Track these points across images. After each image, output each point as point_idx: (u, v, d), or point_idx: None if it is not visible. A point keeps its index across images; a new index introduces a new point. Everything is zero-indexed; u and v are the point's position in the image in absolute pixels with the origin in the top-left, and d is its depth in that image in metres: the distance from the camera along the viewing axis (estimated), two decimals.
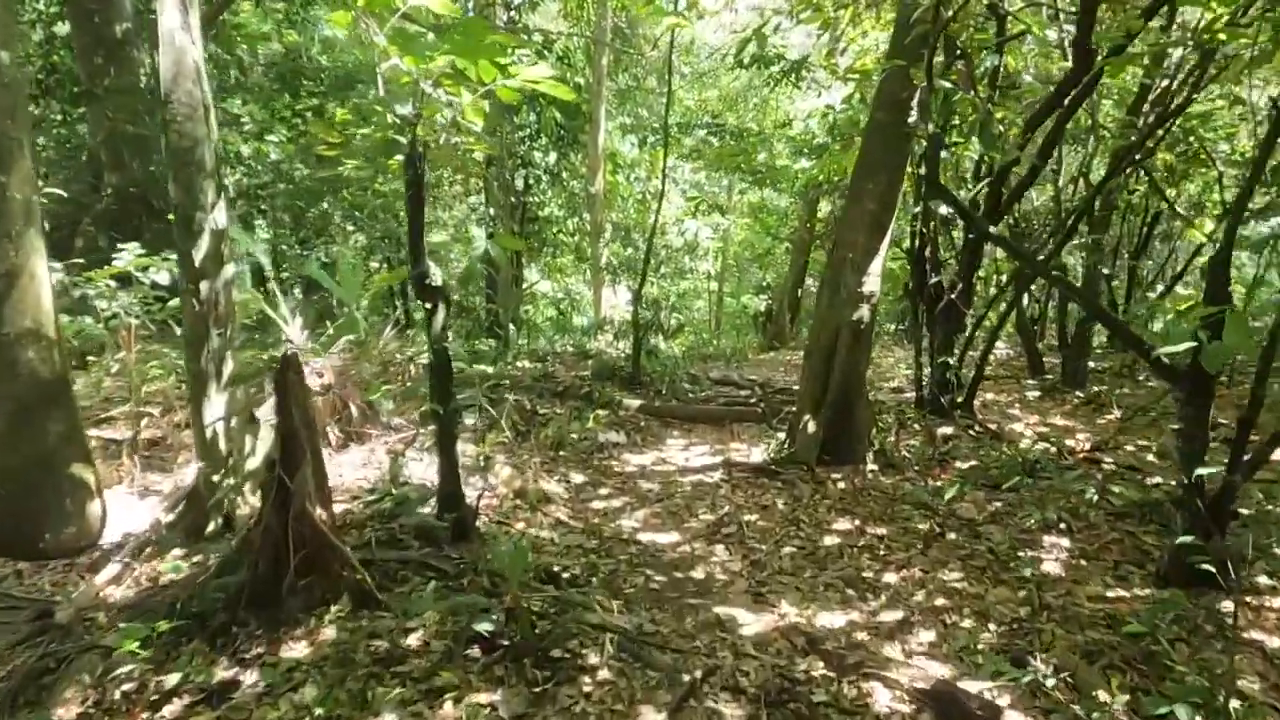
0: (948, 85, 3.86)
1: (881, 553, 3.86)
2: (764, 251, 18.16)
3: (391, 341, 7.76)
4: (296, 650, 2.68)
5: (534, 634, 2.76)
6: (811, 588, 3.50)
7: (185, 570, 3.25)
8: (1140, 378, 8.68)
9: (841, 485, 4.77)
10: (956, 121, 5.99)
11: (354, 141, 3.38)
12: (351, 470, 4.43)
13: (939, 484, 4.90)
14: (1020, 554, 3.81)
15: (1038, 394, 7.61)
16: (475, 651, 2.68)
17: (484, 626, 2.69)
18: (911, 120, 4.82)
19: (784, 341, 14.73)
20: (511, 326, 10.34)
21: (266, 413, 4.57)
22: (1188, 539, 2.91)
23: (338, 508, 3.91)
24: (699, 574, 3.66)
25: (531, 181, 13.03)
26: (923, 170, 5.83)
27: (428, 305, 3.43)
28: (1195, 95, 4.88)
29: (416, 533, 3.47)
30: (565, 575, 3.47)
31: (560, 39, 12.61)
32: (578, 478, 4.95)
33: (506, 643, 2.70)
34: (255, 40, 11.73)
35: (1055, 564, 3.73)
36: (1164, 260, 11.50)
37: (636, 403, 6.80)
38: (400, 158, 3.37)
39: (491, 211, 12.48)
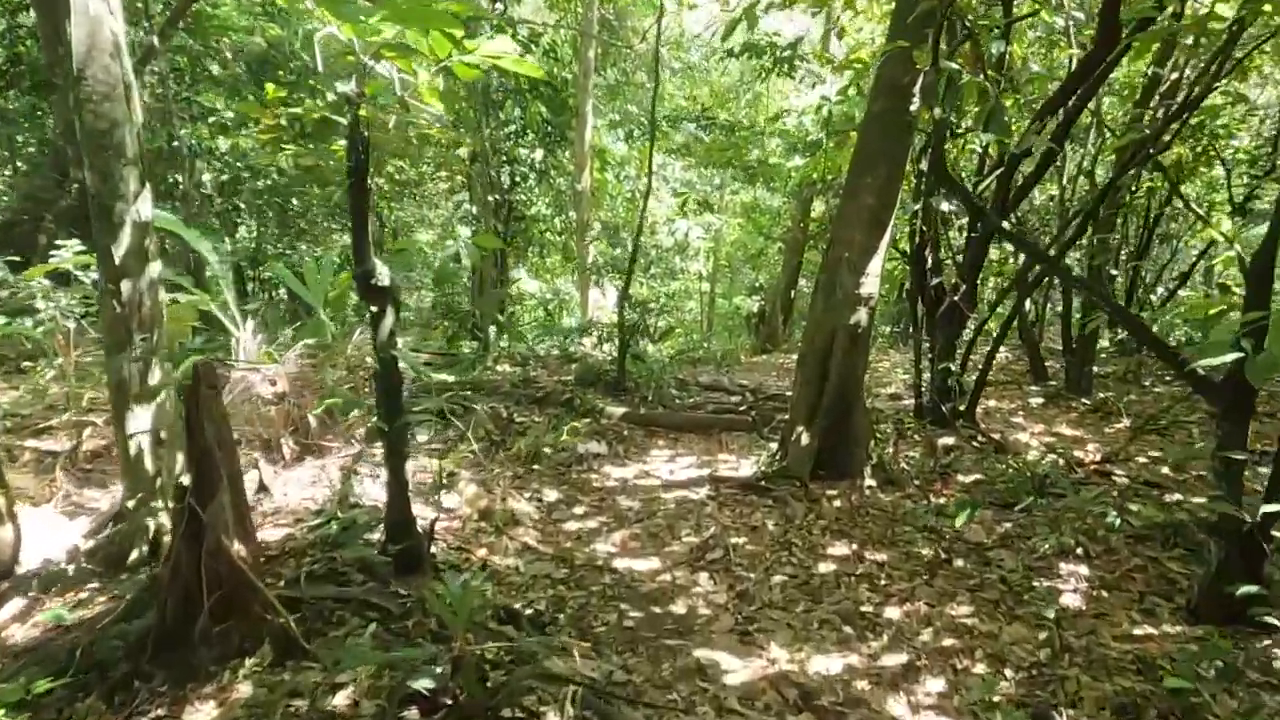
0: (955, 67, 3.50)
1: (882, 582, 3.49)
2: (757, 252, 17.79)
3: (366, 344, 7.37)
4: (203, 712, 2.29)
5: (484, 690, 2.38)
6: (804, 625, 3.13)
7: (69, 619, 2.85)
8: (1145, 383, 8.37)
9: (837, 503, 4.40)
10: (955, 114, 5.65)
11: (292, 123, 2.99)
12: (299, 489, 4.04)
13: (942, 501, 4.54)
14: (1035, 584, 3.45)
15: (1041, 401, 7.25)
16: (413, 713, 2.29)
17: (424, 683, 2.30)
18: (913, 108, 4.46)
19: (777, 344, 14.36)
20: (493, 329, 9.95)
21: None
22: (1251, 589, 2.54)
23: (278, 532, 3.53)
24: (679, 608, 3.28)
25: (518, 179, 12.64)
26: (924, 163, 5.48)
27: (373, 309, 3.04)
28: (1216, 84, 4.53)
29: (361, 564, 3.08)
30: (528, 612, 3.09)
31: (547, 32, 12.25)
32: (551, 494, 4.56)
33: (450, 701, 2.32)
34: (238, 32, 11.33)
35: (1074, 595, 3.36)
36: (1166, 261, 11.20)
37: (620, 410, 6.41)
38: (343, 142, 2.98)
39: (475, 209, 12.10)
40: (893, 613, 3.22)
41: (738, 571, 3.61)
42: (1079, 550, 3.74)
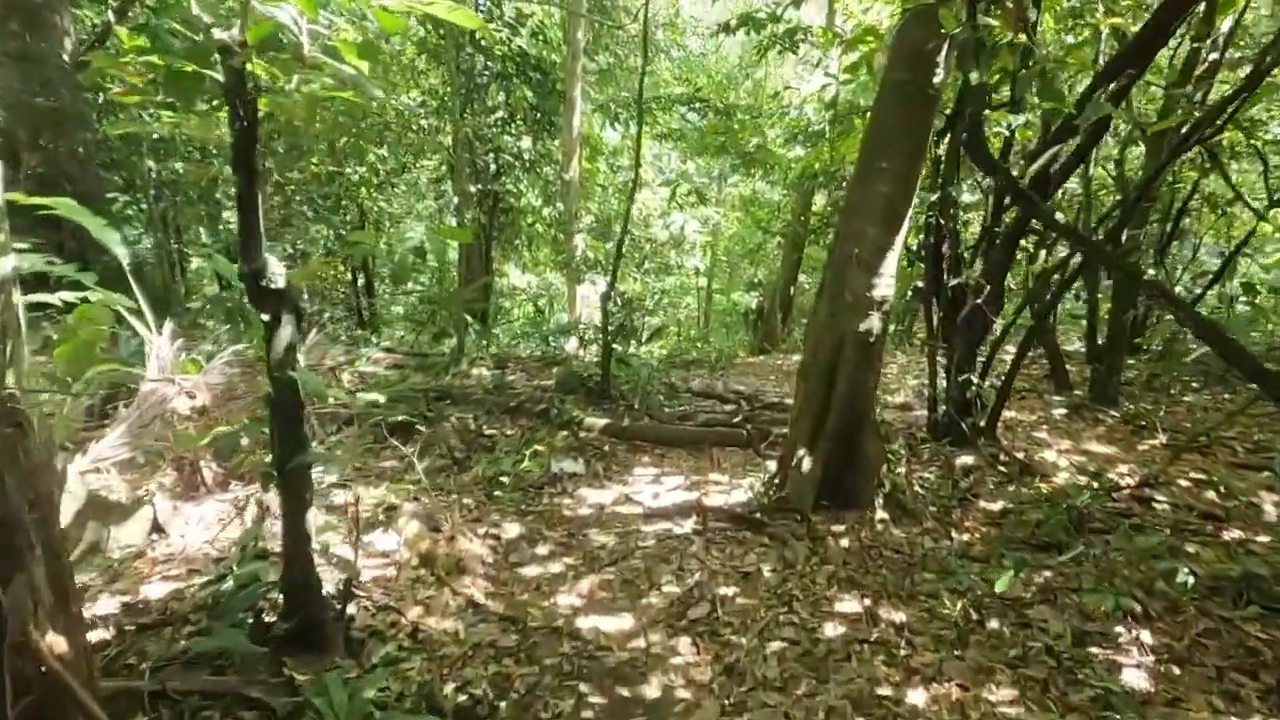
0: (993, 23, 2.86)
1: (901, 652, 2.86)
2: (755, 246, 17.15)
3: (318, 348, 6.73)
4: None
5: None
6: (807, 715, 2.51)
7: None
8: (1173, 391, 7.75)
9: (845, 542, 3.77)
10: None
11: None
12: (204, 527, 3.40)
13: (966, 538, 3.93)
14: (1089, 651, 2.83)
15: (1065, 412, 6.62)
16: None
17: None
18: (937, 79, 3.82)
19: (775, 344, 13.73)
20: (474, 328, 9.31)
21: (99, 453, 3.55)
22: None
23: (164, 588, 2.89)
24: (652, 689, 2.65)
25: (503, 168, 11.96)
26: (945, 143, 4.83)
27: (265, 316, 2.41)
28: None
29: (250, 639, 2.44)
30: (461, 698, 2.47)
31: (535, 12, 11.58)
32: (512, 529, 3.93)
33: None
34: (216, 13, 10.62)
35: (1138, 672, 2.74)
36: (1189, 259, 10.58)
37: (601, 422, 5.78)
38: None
39: (457, 199, 11.43)
40: (917, 697, 2.59)
41: (726, 635, 2.98)
42: (1136, 606, 3.12)
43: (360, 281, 14.30)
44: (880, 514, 4.09)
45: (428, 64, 11.93)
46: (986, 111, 4.80)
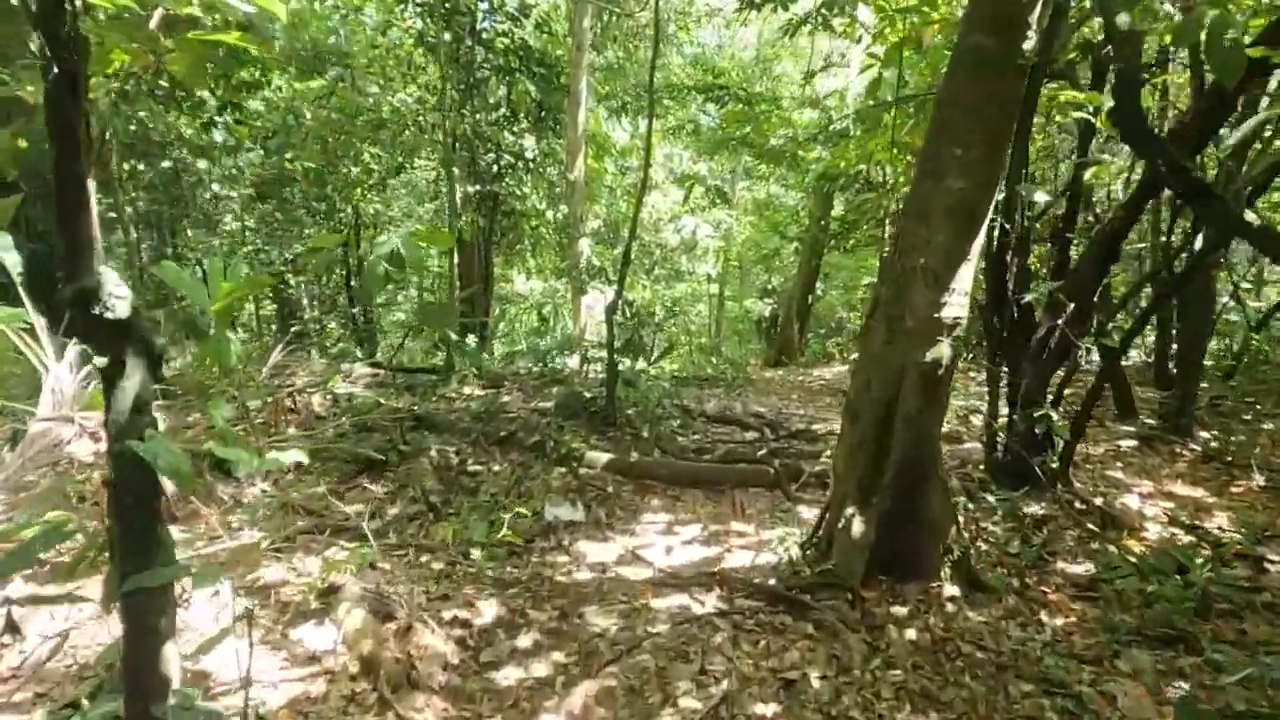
0: None
1: None
2: (770, 252, 16.35)
3: (286, 364, 5.99)
4: None
5: None
6: None
7: None
8: (1246, 417, 6.91)
9: (911, 633, 2.96)
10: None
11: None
12: (72, 625, 2.62)
13: (1059, 622, 3.11)
14: None
15: (1135, 444, 5.80)
16: None
17: None
18: (1028, 45, 3.02)
19: (792, 356, 12.92)
20: (466, 345, 8.54)
21: None
22: None
23: None
24: None
25: (504, 168, 11.21)
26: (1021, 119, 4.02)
27: (101, 360, 1.64)
28: None
29: None
30: None
31: (539, 6, 10.86)
32: (489, 610, 3.13)
33: None
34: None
35: None
36: (1252, 260, 9.71)
37: (605, 457, 4.99)
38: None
39: (458, 200, 10.68)
40: None
41: None
42: None
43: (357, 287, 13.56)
44: (949, 589, 3.28)
45: (424, 57, 11.21)
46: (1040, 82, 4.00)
